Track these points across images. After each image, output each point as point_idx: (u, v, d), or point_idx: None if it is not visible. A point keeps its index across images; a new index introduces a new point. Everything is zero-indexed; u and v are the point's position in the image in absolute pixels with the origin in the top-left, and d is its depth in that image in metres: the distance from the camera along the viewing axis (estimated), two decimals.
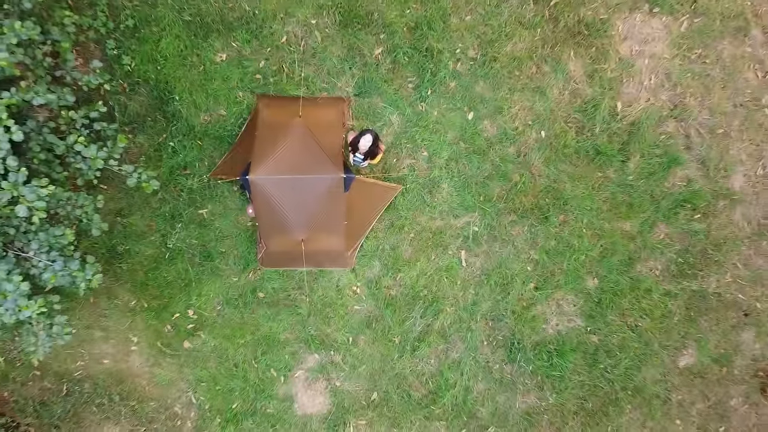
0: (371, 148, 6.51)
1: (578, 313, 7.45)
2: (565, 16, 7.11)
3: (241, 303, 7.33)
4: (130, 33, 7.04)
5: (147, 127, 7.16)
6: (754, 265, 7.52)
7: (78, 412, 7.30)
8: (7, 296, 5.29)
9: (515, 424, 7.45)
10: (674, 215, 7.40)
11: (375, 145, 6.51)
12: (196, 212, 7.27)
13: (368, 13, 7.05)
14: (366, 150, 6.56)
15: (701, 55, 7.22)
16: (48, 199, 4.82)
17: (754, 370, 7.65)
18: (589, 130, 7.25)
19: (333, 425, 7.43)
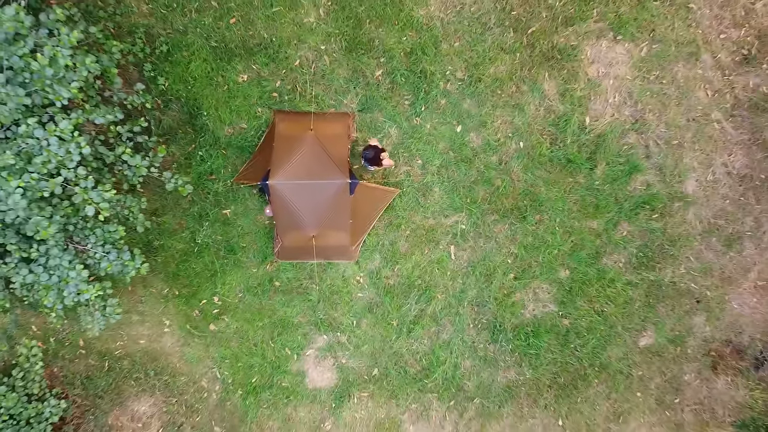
0: (374, 158, 7.36)
1: (552, 300, 8.24)
2: (540, 42, 7.94)
3: (259, 291, 8.08)
4: (164, 57, 7.86)
5: (178, 139, 8.01)
6: (704, 258, 8.28)
7: (118, 386, 8.09)
8: (69, 282, 6.23)
9: (497, 396, 8.21)
10: (635, 215, 8.14)
11: (378, 156, 7.36)
12: (220, 212, 8.09)
13: (370, 40, 7.85)
14: (370, 158, 7.42)
15: (658, 76, 8.00)
16: (110, 200, 5.73)
17: (705, 350, 8.37)
18: (561, 141, 8.04)
19: (339, 397, 8.20)
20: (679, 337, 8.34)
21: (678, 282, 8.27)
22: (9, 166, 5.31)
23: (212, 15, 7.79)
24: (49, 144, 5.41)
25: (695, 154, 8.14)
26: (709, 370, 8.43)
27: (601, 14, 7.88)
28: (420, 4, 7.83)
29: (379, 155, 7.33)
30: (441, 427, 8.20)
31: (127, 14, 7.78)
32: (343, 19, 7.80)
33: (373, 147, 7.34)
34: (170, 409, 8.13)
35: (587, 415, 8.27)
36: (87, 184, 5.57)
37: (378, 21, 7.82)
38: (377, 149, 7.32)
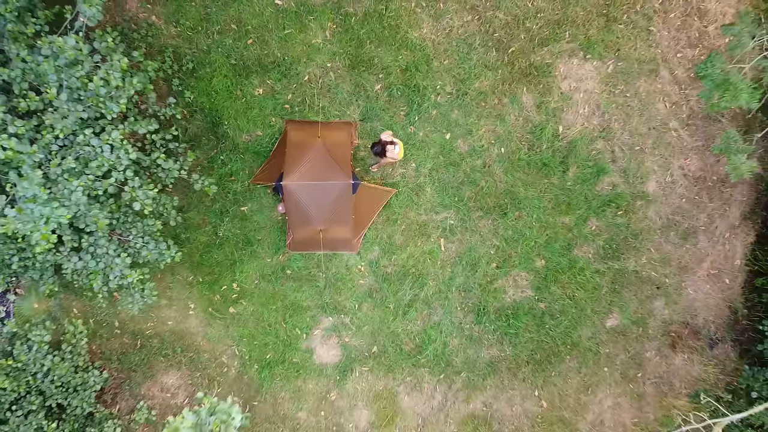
0: (381, 152, 8.02)
1: (529, 286, 9.09)
2: (519, 61, 8.85)
3: (273, 278, 8.91)
4: (190, 73, 8.75)
5: (202, 145, 8.90)
6: (664, 250, 9.17)
7: (150, 361, 8.95)
8: (114, 268, 7.16)
9: (481, 370, 9.04)
10: (602, 212, 9.00)
11: (384, 149, 8.03)
12: (239, 209, 8.96)
13: (370, 58, 8.73)
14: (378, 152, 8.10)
15: (623, 90, 8.90)
16: (153, 198, 6.66)
17: (664, 330, 9.25)
18: (538, 147, 8.92)
19: (343, 371, 9.02)
20: (642, 319, 9.22)
21: (640, 270, 9.16)
22: (70, 169, 6.23)
23: (232, 36, 8.70)
24: (103, 151, 6.35)
25: (655, 159, 9.06)
26: (668, 348, 9.32)
27: (573, 36, 8.80)
28: (414, 27, 8.75)
29: (385, 148, 8.12)
30: (432, 397, 9.11)
31: (157, 36, 8.70)
32: (347, 41, 8.71)
33: (380, 142, 8.12)
34: (195, 382, 9.04)
35: (560, 387, 9.17)
36: (134, 184, 6.51)
37: (377, 42, 8.73)
38: (384, 144, 8.11)
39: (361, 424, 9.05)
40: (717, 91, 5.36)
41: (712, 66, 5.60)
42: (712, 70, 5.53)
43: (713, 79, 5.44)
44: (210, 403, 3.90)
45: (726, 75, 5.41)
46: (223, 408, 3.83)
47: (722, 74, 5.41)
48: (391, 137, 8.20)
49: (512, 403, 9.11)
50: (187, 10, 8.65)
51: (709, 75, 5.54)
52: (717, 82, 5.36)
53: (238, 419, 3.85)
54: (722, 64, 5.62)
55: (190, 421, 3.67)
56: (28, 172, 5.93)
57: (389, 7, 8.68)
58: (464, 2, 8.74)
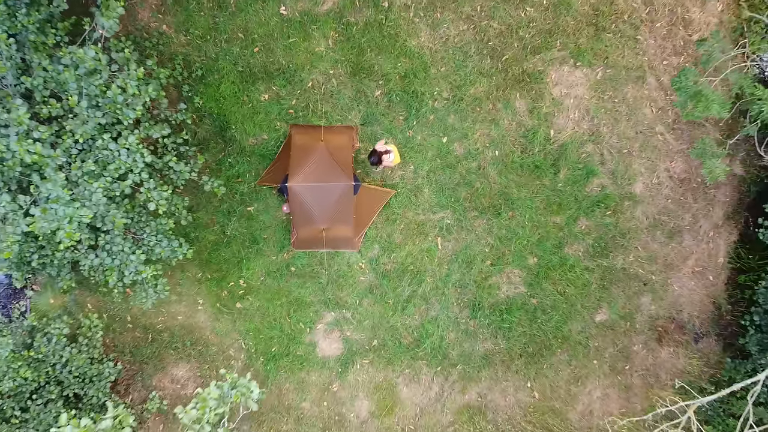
0: (378, 161, 8.45)
1: (522, 283, 9.45)
2: (513, 68, 9.19)
3: (278, 275, 9.26)
4: (199, 79, 9.08)
5: (211, 148, 9.25)
6: (650, 248, 9.52)
7: (160, 354, 9.31)
8: (129, 264, 7.52)
9: (476, 363, 9.40)
10: (592, 212, 9.35)
11: (380, 158, 8.49)
12: (246, 209, 9.28)
13: (370, 65, 9.05)
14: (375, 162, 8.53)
15: (611, 96, 9.22)
16: (167, 199, 7.03)
17: (651, 325, 9.63)
18: (530, 151, 9.26)
19: (344, 363, 9.38)
20: (629, 314, 9.58)
21: (628, 268, 9.51)
22: (90, 171, 6.60)
23: (239, 45, 9.05)
24: (120, 154, 6.71)
25: (642, 161, 9.41)
26: (654, 342, 9.69)
27: (564, 44, 9.16)
28: (412, 36, 9.10)
29: (381, 157, 8.52)
30: (429, 388, 9.48)
31: (167, 44, 9.05)
32: (348, 49, 9.07)
33: (376, 153, 8.55)
34: (203, 374, 9.40)
35: (551, 379, 9.54)
36: (150, 185, 6.87)
37: (377, 50, 9.09)
38: (380, 154, 8.51)
39: (361, 413, 9.42)
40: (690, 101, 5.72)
41: (685, 79, 5.97)
42: (686, 83, 5.90)
43: (686, 91, 5.80)
44: (231, 378, 4.29)
45: (698, 87, 5.78)
46: (243, 383, 4.23)
47: (695, 86, 5.77)
48: (384, 146, 8.58)
49: (506, 394, 9.48)
50: (197, 19, 9.00)
51: (683, 87, 5.91)
52: (690, 94, 5.73)
53: (256, 393, 4.25)
54: (695, 77, 5.98)
55: (216, 393, 4.08)
56: (51, 175, 6.29)
57: (389, 17, 9.03)
58: (460, 12, 9.09)
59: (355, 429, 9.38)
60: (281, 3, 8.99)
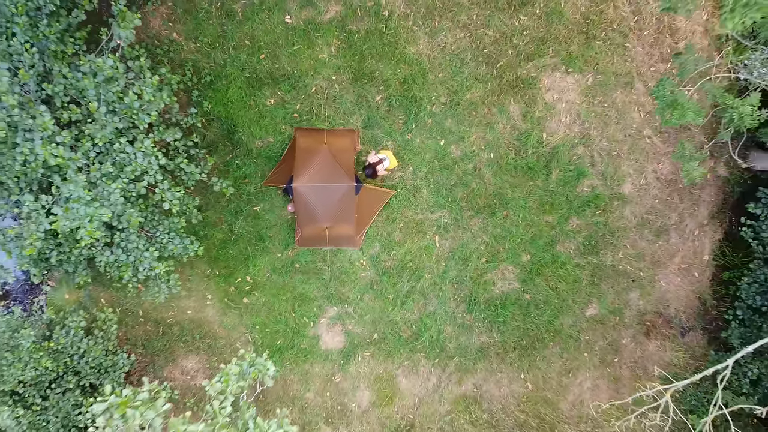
0: (373, 173, 8.91)
1: (516, 279, 9.80)
2: (507, 74, 9.55)
3: (283, 271, 9.61)
4: (208, 85, 9.45)
5: (219, 150, 9.60)
6: (638, 246, 9.85)
7: (171, 346, 9.68)
8: (143, 261, 7.88)
9: (472, 355, 9.73)
10: (582, 211, 9.69)
11: (375, 170, 8.95)
12: (252, 209, 9.64)
13: (371, 71, 9.41)
14: (370, 174, 8.98)
15: (601, 101, 9.56)
16: (179, 199, 7.39)
17: (639, 319, 9.95)
18: (524, 153, 9.60)
19: (346, 356, 9.72)
20: (618, 308, 9.92)
21: (617, 265, 9.85)
22: (108, 173, 6.96)
23: (246, 52, 9.41)
24: (136, 157, 7.07)
25: (631, 163, 9.75)
26: (642, 336, 10.03)
27: (555, 52, 9.50)
28: (411, 43, 9.45)
29: (375, 168, 8.93)
30: (427, 379, 9.84)
31: (178, 51, 9.41)
32: (350, 56, 9.42)
33: (370, 165, 8.95)
34: (212, 366, 9.75)
35: (544, 370, 9.89)
36: (164, 186, 7.23)
37: (378, 57, 9.44)
38: (374, 165, 8.91)
39: (363, 403, 9.78)
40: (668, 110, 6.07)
41: (663, 89, 6.32)
42: (664, 92, 6.24)
43: (664, 100, 6.15)
44: (250, 357, 4.67)
45: (675, 96, 6.13)
46: (260, 362, 4.61)
47: (672, 96, 6.12)
48: (377, 156, 8.96)
49: (500, 385, 9.84)
50: (205, 27, 9.36)
51: (661, 96, 6.26)
52: (667, 103, 6.08)
53: (271, 371, 4.64)
54: (672, 87, 6.33)
55: (237, 369, 4.46)
56: (72, 176, 6.66)
57: (389, 26, 9.38)
58: (457, 21, 9.45)
59: (356, 418, 9.74)
60: (286, 12, 9.35)
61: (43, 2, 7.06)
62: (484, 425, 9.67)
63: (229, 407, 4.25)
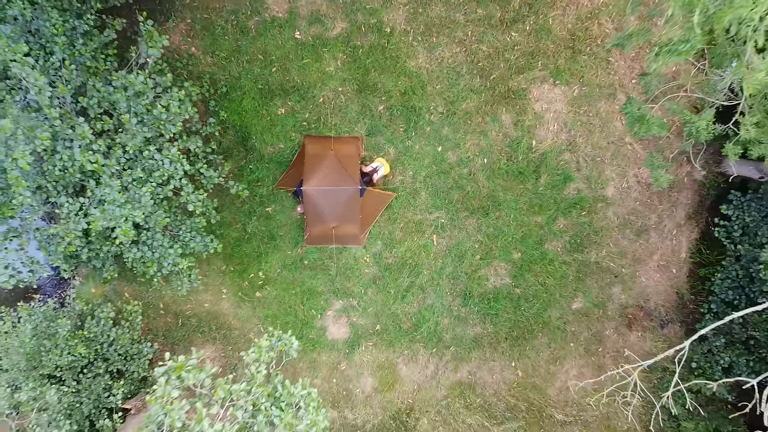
0: (369, 181, 9.58)
1: (507, 275, 10.40)
2: (499, 86, 10.17)
3: (293, 267, 10.21)
4: (224, 95, 10.10)
5: (234, 155, 10.24)
6: (620, 245, 10.43)
7: (189, 336, 10.31)
8: (167, 257, 8.52)
9: (467, 345, 10.32)
10: (569, 212, 10.28)
11: (372, 178, 9.61)
12: (264, 209, 10.28)
13: (374, 83, 10.04)
14: (367, 182, 9.63)
15: (586, 110, 10.16)
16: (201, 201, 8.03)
17: (621, 312, 10.55)
18: (515, 158, 10.21)
19: (351, 345, 10.34)
20: (602, 302, 10.52)
21: (601, 262, 10.46)
22: (138, 178, 7.60)
23: (259, 65, 10.04)
24: (164, 163, 7.72)
25: (613, 168, 10.36)
26: (624, 327, 10.64)
27: (544, 65, 10.12)
28: (411, 57, 10.08)
29: (371, 177, 9.62)
30: (426, 367, 10.47)
31: (196, 64, 10.05)
32: (355, 69, 10.05)
33: (366, 173, 9.64)
34: (227, 354, 10.38)
35: (533, 359, 10.51)
36: (188, 189, 7.88)
37: (380, 70, 10.07)
38: (370, 174, 9.60)
39: (366, 389, 10.42)
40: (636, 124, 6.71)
41: (631, 106, 6.97)
42: (632, 109, 6.89)
43: (632, 116, 6.79)
44: (277, 333, 5.35)
45: (641, 112, 6.77)
46: (286, 338, 5.29)
47: (638, 112, 6.76)
48: (371, 166, 9.66)
49: (493, 372, 10.48)
50: (222, 42, 9.99)
51: (630, 113, 6.90)
52: (635, 118, 6.72)
53: (295, 345, 5.33)
54: (639, 105, 6.98)
55: (267, 343, 5.14)
56: (107, 181, 7.30)
57: (390, 41, 10.02)
58: (453, 37, 10.08)
59: (360, 403, 10.38)
60: (296, 28, 9.98)
61: (78, 23, 7.72)
62: (477, 409, 10.31)
63: (264, 371, 4.98)
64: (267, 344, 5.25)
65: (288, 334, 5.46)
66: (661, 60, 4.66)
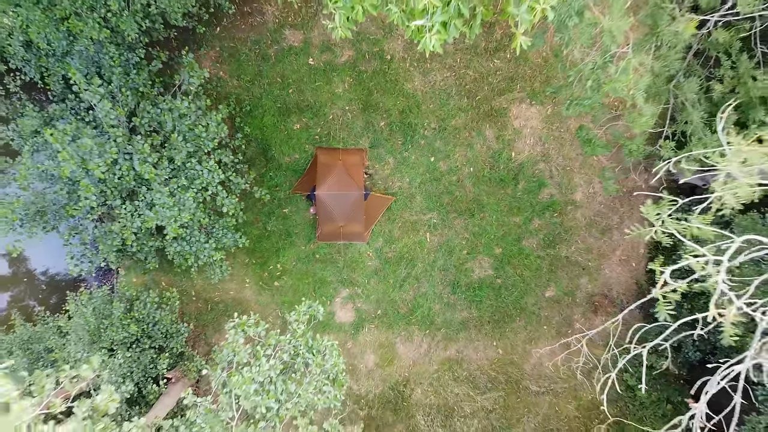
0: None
1: (490, 267, 11.80)
2: (484, 105, 11.54)
3: (306, 261, 11.56)
4: (247, 113, 11.44)
5: (256, 164, 11.57)
6: (587, 242, 11.86)
7: (217, 319, 11.64)
8: (203, 251, 9.84)
9: (455, 327, 11.69)
10: (543, 214, 11.68)
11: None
12: (282, 211, 11.66)
13: (377, 103, 11.43)
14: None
15: (558, 127, 11.54)
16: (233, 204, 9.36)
17: (588, 300, 12.03)
18: (497, 168, 11.63)
19: (356, 328, 11.66)
20: (571, 291, 11.86)
21: (570, 256, 11.81)
22: (183, 185, 8.93)
23: (278, 87, 11.36)
24: (203, 173, 9.04)
25: (581, 176, 11.70)
26: (591, 313, 11.99)
27: (522, 88, 11.47)
28: (408, 80, 11.42)
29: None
30: (420, 346, 11.81)
31: (224, 86, 11.36)
32: (360, 90, 11.38)
33: None
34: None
35: (512, 339, 11.85)
36: (223, 194, 9.21)
37: (382, 91, 11.41)
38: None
39: (369, 364, 11.75)
40: (586, 146, 8.06)
41: (582, 132, 8.35)
42: (582, 134, 8.26)
43: (582, 139, 8.15)
44: (307, 303, 6.73)
45: (589, 136, 8.13)
46: (315, 306, 6.67)
47: (587, 136, 8.13)
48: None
49: (477, 350, 11.82)
50: (246, 68, 11.31)
51: (581, 137, 8.27)
52: (584, 141, 8.08)
53: (320, 312, 6.71)
54: (587, 131, 8.36)
55: (304, 308, 6.52)
56: (158, 187, 8.63)
57: (390, 67, 11.35)
58: (444, 63, 11.42)
59: (364, 376, 11.71)
60: (310, 56, 11.31)
61: (131, 55, 9.05)
62: (464, 381, 11.65)
63: (303, 326, 6.37)
64: (303, 309, 6.65)
65: (316, 303, 6.84)
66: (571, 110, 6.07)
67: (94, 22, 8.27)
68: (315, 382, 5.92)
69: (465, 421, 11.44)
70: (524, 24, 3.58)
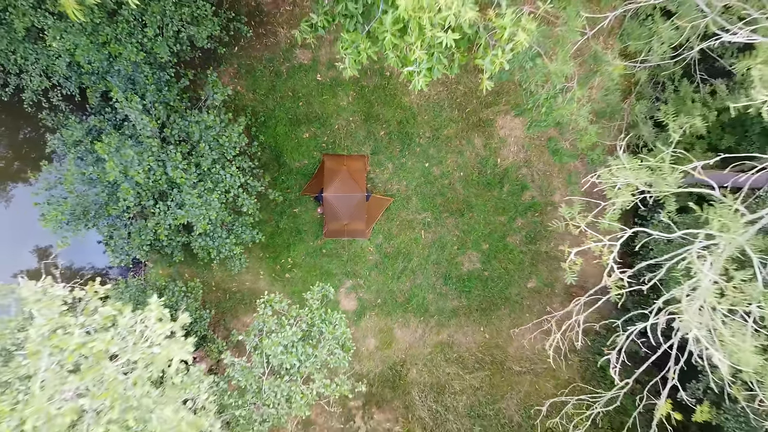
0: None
1: (478, 261, 12.89)
2: (472, 116, 12.64)
3: (314, 255, 12.61)
4: (262, 123, 12.49)
5: (270, 169, 12.62)
6: (565, 238, 13.03)
7: (235, 307, 12.70)
8: (224, 246, 10.91)
9: (447, 315, 12.74)
10: (525, 214, 12.74)
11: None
12: (292, 210, 12.71)
13: (377, 114, 12.48)
14: None
15: (539, 136, 12.56)
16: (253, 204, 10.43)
17: (566, 291, 13.13)
18: (484, 172, 12.71)
19: (359, 315, 12.64)
20: (551, 282, 12.91)
21: (550, 252, 12.83)
22: (209, 188, 10.00)
23: (289, 100, 12.41)
24: (226, 177, 10.11)
25: (560, 180, 12.77)
26: (568, 302, 13.09)
27: (507, 102, 12.53)
28: (406, 95, 12.48)
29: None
30: (415, 331, 12.87)
31: (241, 99, 12.41)
32: (362, 103, 12.44)
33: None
34: None
35: (497, 325, 12.92)
36: (244, 196, 10.27)
37: (382, 104, 12.47)
38: None
39: (370, 347, 12.83)
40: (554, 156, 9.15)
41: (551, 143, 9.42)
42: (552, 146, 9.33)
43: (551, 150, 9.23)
44: (320, 284, 7.87)
45: (557, 147, 9.22)
46: (326, 287, 7.82)
47: (555, 146, 9.20)
48: None
49: (467, 335, 12.90)
50: (261, 83, 12.37)
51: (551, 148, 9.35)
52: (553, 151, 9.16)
53: (331, 292, 7.85)
54: (556, 143, 9.44)
55: (318, 288, 7.68)
56: (187, 190, 9.70)
57: (390, 83, 12.41)
58: (437, 80, 12.46)
59: (365, 357, 12.78)
60: (317, 72, 12.37)
61: (162, 74, 10.10)
62: (454, 362, 12.74)
63: (317, 302, 7.51)
64: (318, 288, 7.81)
65: (328, 285, 8.00)
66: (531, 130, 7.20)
67: (132, 47, 9.31)
68: (328, 346, 7.04)
69: (455, 398, 12.53)
70: (488, 71, 4.63)
